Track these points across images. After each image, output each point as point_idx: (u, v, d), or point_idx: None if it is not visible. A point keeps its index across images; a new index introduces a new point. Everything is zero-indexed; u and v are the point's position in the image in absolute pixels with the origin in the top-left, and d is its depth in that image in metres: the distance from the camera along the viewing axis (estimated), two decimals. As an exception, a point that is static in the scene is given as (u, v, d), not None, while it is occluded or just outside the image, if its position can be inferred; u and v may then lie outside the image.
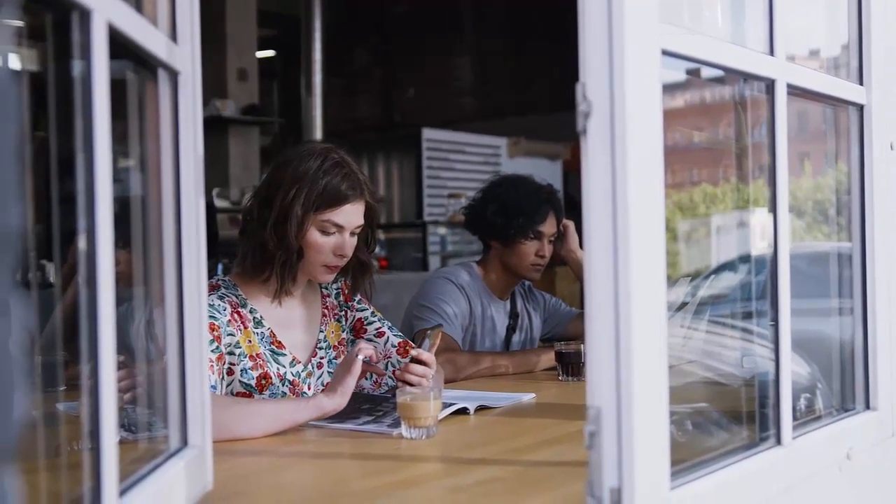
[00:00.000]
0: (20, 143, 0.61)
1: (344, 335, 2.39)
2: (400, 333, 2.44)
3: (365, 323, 2.42)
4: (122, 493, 1.09)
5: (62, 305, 1.45)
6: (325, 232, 2.19)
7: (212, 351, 2.03)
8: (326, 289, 2.41)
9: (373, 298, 2.51)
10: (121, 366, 1.43)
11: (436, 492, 1.55)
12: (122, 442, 1.07)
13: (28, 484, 0.92)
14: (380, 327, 2.42)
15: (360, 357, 2.00)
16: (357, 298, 2.44)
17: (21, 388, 0.59)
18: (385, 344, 2.37)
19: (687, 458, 1.35)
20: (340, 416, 2.04)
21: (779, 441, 1.53)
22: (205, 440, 1.40)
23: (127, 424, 1.39)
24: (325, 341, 2.35)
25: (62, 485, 1.23)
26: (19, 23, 0.68)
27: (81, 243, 1.00)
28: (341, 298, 2.42)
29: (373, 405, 2.13)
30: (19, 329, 0.60)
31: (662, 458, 1.22)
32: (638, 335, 1.17)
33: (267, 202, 2.19)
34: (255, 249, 2.20)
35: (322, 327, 2.36)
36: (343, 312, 2.42)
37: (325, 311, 2.38)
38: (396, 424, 1.91)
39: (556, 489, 1.53)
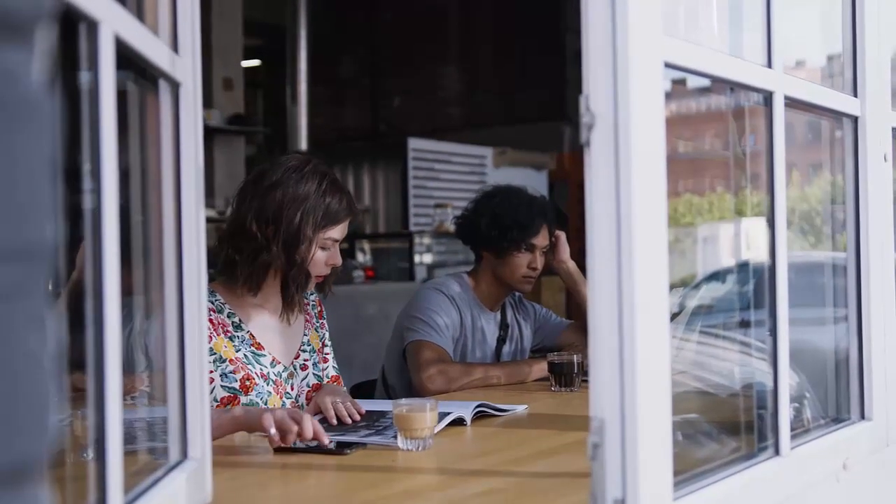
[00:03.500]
0: (56, 157, 0.61)
1: (320, 344, 2.48)
2: (336, 366, 2.52)
3: (324, 343, 2.52)
4: (126, 506, 1.09)
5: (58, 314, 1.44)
6: (324, 248, 2.30)
7: None
8: (305, 297, 2.48)
9: (359, 308, 2.59)
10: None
11: (436, 503, 1.55)
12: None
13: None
14: (328, 353, 2.51)
15: (272, 432, 1.85)
16: (325, 318, 2.53)
17: (54, 402, 0.59)
18: (323, 371, 2.45)
19: (687, 469, 1.36)
20: (341, 430, 2.03)
21: (777, 451, 1.53)
22: (204, 453, 1.40)
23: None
24: (308, 345, 2.43)
25: (62, 498, 1.22)
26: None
27: (87, 253, 1.00)
28: (316, 311, 2.51)
29: (370, 421, 2.12)
30: (53, 343, 0.60)
31: (666, 469, 1.22)
32: (641, 346, 1.17)
33: (267, 222, 2.24)
34: (260, 269, 2.26)
35: (306, 331, 2.44)
36: (317, 325, 2.50)
37: (308, 317, 2.47)
38: None
39: (556, 500, 1.53)
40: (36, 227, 0.57)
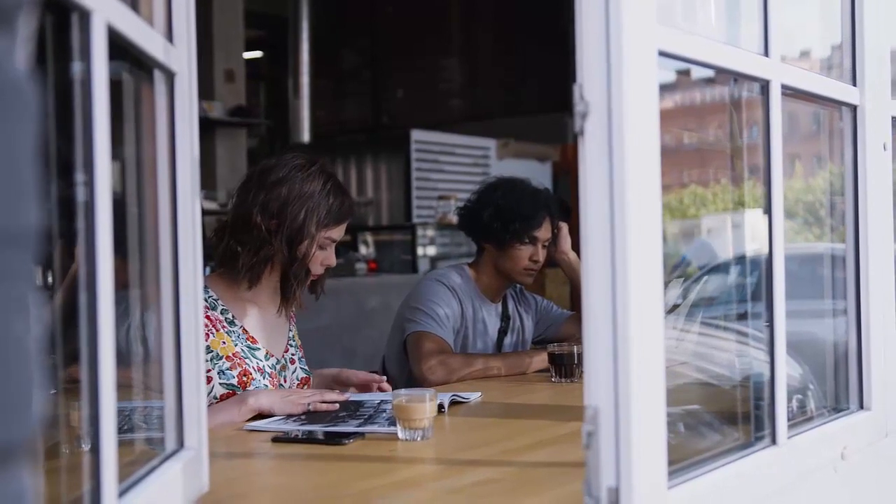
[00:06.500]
0: (40, 144, 0.61)
1: (300, 341, 2.54)
2: (306, 368, 2.53)
3: (300, 342, 2.56)
4: (121, 494, 1.09)
5: (56, 307, 1.45)
6: (321, 247, 2.33)
7: None
8: None
9: (362, 301, 2.61)
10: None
11: (433, 493, 1.55)
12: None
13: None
14: (301, 355, 2.53)
15: (310, 407, 2.14)
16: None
17: (39, 385, 0.60)
18: (293, 373, 2.45)
19: (684, 459, 1.36)
20: (331, 420, 2.03)
21: (774, 441, 1.53)
22: (201, 442, 1.40)
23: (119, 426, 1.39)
24: (293, 340, 2.48)
25: (57, 487, 1.22)
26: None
27: (80, 246, 1.00)
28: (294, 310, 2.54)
29: (350, 412, 2.13)
30: (38, 327, 0.60)
31: (660, 458, 1.22)
32: (635, 334, 1.17)
33: (271, 216, 2.27)
34: (262, 262, 2.29)
35: (291, 327, 2.49)
36: (296, 322, 2.55)
37: (292, 314, 2.51)
38: (394, 423, 1.90)
39: (553, 489, 1.53)
40: (19, 213, 0.58)
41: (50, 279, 1.33)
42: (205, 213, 6.72)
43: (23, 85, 0.58)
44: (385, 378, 2.49)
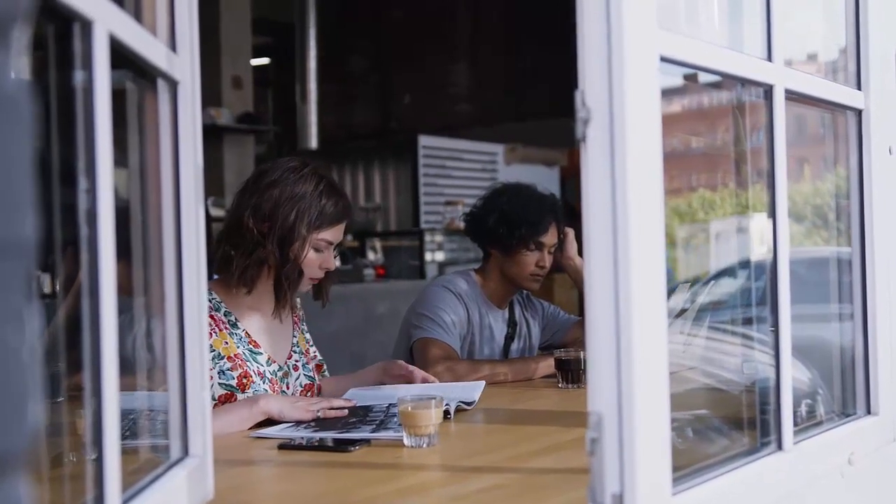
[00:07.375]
0: (35, 153, 0.61)
1: (307, 346, 2.53)
2: (311, 375, 2.52)
3: (309, 343, 2.56)
4: (125, 503, 1.09)
5: (63, 315, 1.45)
6: (317, 249, 2.33)
7: None
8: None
9: (370, 307, 2.60)
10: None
11: (438, 500, 1.55)
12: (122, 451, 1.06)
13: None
14: (315, 351, 2.57)
15: (319, 414, 2.14)
16: (304, 322, 2.57)
17: (35, 396, 0.60)
18: (296, 380, 2.45)
19: (688, 465, 1.35)
20: (342, 427, 2.04)
21: (780, 446, 1.53)
22: (205, 450, 1.40)
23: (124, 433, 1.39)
24: (297, 346, 2.48)
25: (63, 495, 1.22)
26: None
27: (83, 253, 1.00)
28: (302, 314, 2.55)
29: (360, 418, 2.13)
30: (33, 337, 0.60)
31: (664, 464, 1.22)
32: (639, 341, 1.17)
33: (263, 219, 2.28)
34: (255, 265, 2.29)
35: (294, 333, 2.48)
36: (303, 328, 2.55)
37: (296, 319, 2.51)
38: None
39: (558, 496, 1.53)
40: (14, 223, 0.58)
41: (57, 287, 1.34)
42: (213, 219, 6.72)
43: (18, 95, 0.58)
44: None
